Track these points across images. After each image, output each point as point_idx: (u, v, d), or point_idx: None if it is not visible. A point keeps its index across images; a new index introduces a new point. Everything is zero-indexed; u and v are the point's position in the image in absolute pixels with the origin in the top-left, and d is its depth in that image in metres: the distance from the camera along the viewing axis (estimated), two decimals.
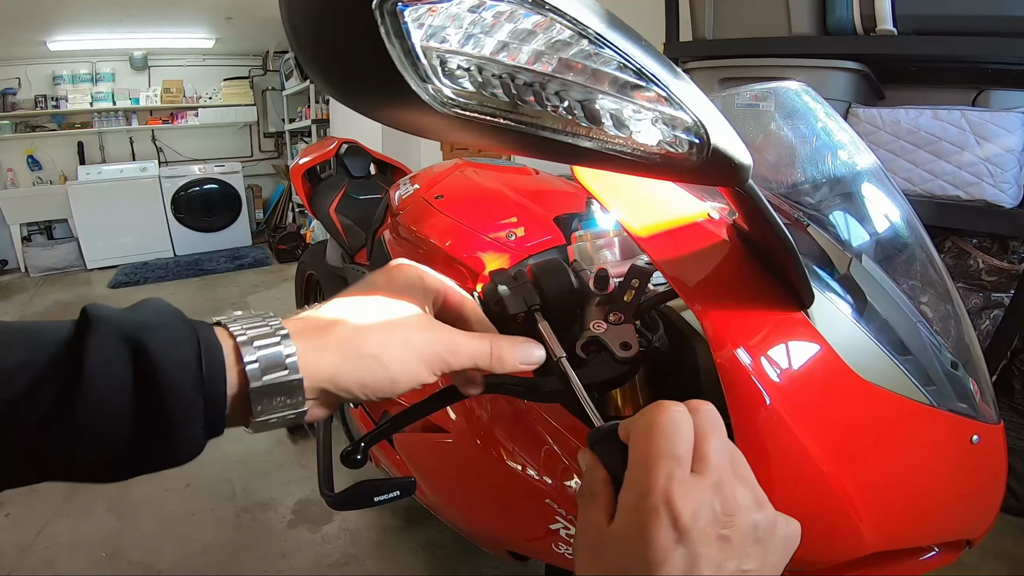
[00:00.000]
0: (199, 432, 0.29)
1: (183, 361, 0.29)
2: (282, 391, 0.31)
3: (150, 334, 0.29)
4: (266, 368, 0.30)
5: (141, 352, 0.28)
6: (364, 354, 0.34)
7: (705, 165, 0.31)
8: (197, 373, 0.29)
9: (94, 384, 0.27)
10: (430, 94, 0.28)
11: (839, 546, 0.47)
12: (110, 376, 0.27)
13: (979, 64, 1.61)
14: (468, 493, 0.86)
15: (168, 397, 0.28)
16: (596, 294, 0.50)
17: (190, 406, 0.28)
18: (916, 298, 0.61)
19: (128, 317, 0.30)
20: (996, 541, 1.52)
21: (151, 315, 0.30)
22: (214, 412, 0.29)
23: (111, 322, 0.29)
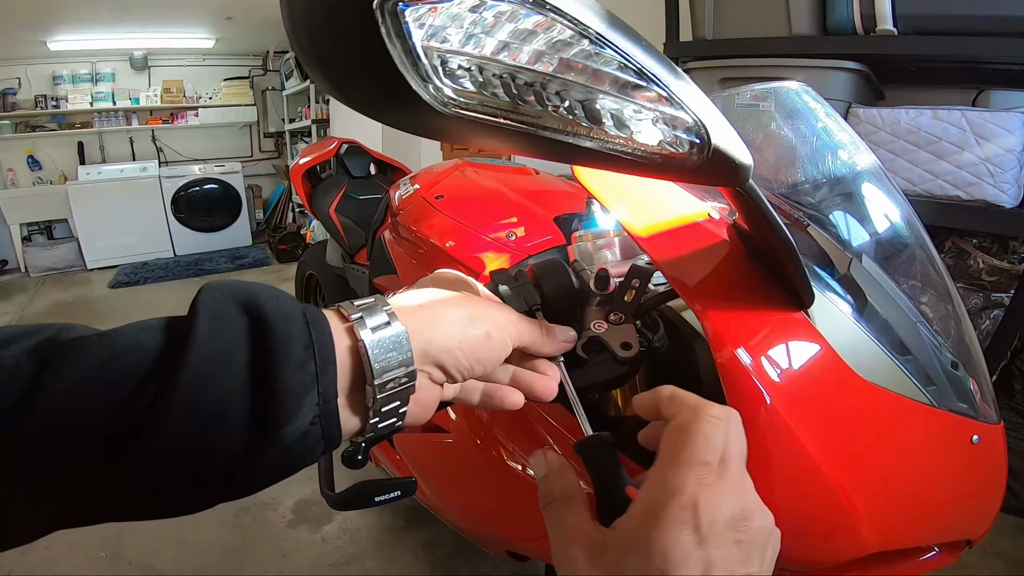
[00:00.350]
0: (312, 408, 0.28)
1: (290, 313, 0.29)
2: (393, 346, 0.31)
3: (258, 290, 0.29)
4: (375, 326, 0.31)
5: (253, 304, 0.28)
6: (470, 316, 0.35)
7: (705, 165, 0.31)
8: (303, 326, 0.29)
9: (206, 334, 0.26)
10: (431, 94, 0.28)
11: (839, 546, 0.47)
12: (222, 324, 0.27)
13: (979, 64, 1.61)
14: (468, 493, 0.86)
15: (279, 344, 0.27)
16: (596, 294, 0.50)
17: (301, 360, 0.28)
18: (916, 298, 0.61)
19: (235, 283, 0.30)
20: (996, 541, 1.52)
21: (254, 284, 0.31)
22: (324, 376, 0.29)
23: (217, 285, 0.30)
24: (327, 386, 0.29)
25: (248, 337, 0.27)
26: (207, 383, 0.26)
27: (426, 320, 0.33)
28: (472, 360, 0.35)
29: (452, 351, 0.34)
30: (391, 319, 0.32)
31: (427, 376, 0.34)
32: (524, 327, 0.39)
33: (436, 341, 0.33)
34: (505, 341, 0.37)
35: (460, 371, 0.35)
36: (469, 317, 0.35)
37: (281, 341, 0.27)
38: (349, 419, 0.31)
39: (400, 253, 1.15)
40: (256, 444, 0.27)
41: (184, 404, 0.25)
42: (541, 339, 0.40)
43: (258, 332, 0.28)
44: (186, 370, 0.26)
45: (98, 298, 4.13)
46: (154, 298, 3.99)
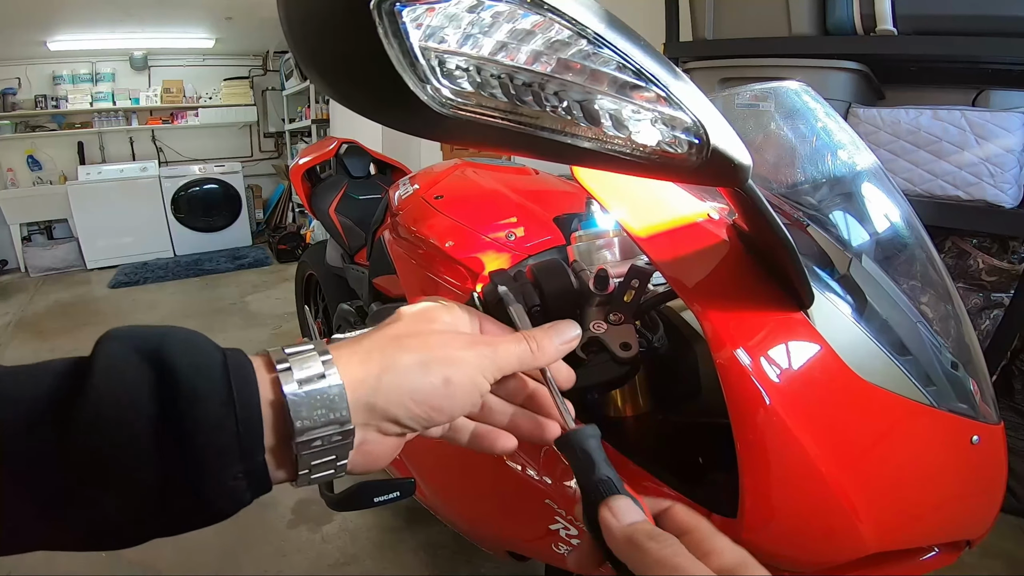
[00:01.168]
0: (234, 466, 0.26)
1: (206, 365, 0.26)
2: (323, 403, 0.28)
3: (167, 339, 0.27)
4: (302, 379, 0.28)
5: (158, 357, 0.26)
6: (423, 361, 0.31)
7: (705, 165, 0.31)
8: (223, 379, 0.26)
9: (103, 388, 0.24)
10: (428, 94, 0.28)
11: (839, 546, 0.47)
12: (121, 379, 0.25)
13: (979, 64, 1.61)
14: (468, 493, 0.86)
15: (191, 404, 0.25)
16: (596, 294, 0.50)
17: (218, 420, 0.25)
18: (916, 298, 0.61)
19: (143, 329, 0.27)
20: (996, 541, 1.52)
21: (167, 329, 0.28)
22: (248, 434, 0.26)
23: (122, 332, 0.27)
24: (251, 443, 0.26)
25: (153, 392, 0.25)
26: (102, 438, 0.24)
27: (373, 369, 0.30)
28: (428, 410, 0.31)
29: (403, 403, 0.30)
30: (327, 370, 0.28)
31: (375, 429, 0.31)
32: (504, 355, 0.34)
33: (384, 392, 0.30)
34: (471, 385, 0.32)
35: (415, 421, 0.31)
36: (424, 362, 0.31)
37: (192, 400, 0.25)
38: (276, 473, 0.29)
39: (400, 253, 1.15)
40: (168, 501, 0.25)
41: (73, 463, 0.23)
42: (531, 355, 0.35)
43: (165, 387, 0.25)
44: (80, 426, 0.23)
45: (98, 298, 4.13)
46: (154, 298, 3.99)
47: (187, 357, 0.26)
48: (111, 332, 0.27)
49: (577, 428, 0.35)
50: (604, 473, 0.32)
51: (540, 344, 0.35)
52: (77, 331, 3.34)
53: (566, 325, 0.37)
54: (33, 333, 3.39)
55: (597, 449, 0.34)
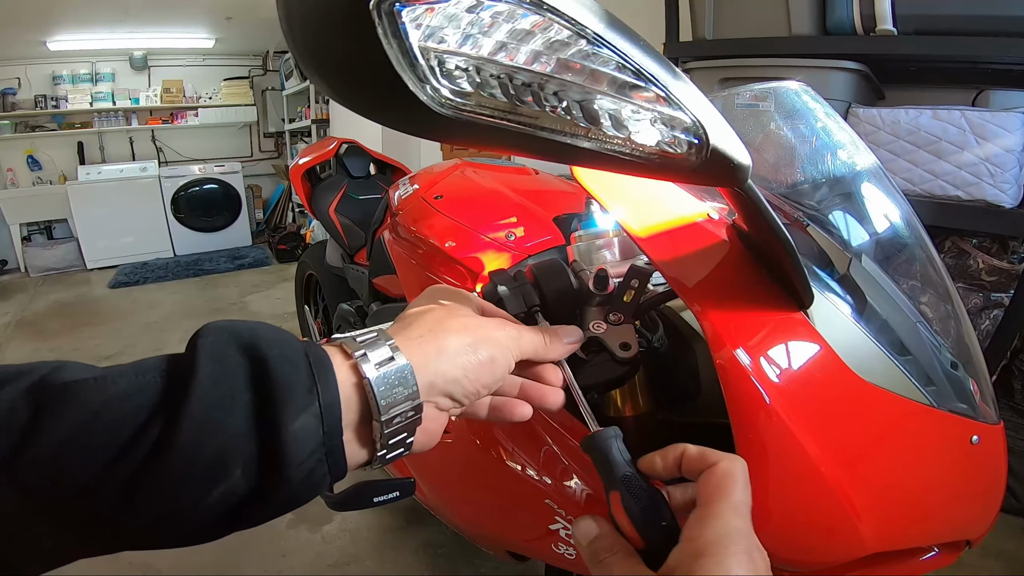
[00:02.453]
0: (317, 449, 0.28)
1: (293, 356, 0.29)
2: (399, 382, 0.31)
3: (259, 333, 0.29)
4: (378, 362, 0.31)
5: (253, 350, 0.28)
6: (472, 343, 0.35)
7: (704, 165, 0.31)
8: (307, 368, 0.29)
9: (208, 378, 0.26)
10: (428, 94, 0.28)
11: (839, 546, 0.47)
12: (223, 369, 0.27)
13: (979, 64, 1.61)
14: (468, 493, 0.86)
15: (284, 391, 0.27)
16: (596, 294, 0.50)
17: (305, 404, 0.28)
18: (916, 298, 0.61)
19: (237, 324, 0.30)
20: (996, 541, 1.52)
21: (256, 323, 0.31)
22: (329, 417, 0.28)
23: (218, 326, 0.29)
24: (332, 426, 0.29)
25: (250, 382, 0.27)
26: (210, 429, 0.26)
27: (431, 352, 0.33)
28: (478, 385, 0.35)
29: (459, 380, 0.34)
30: (395, 353, 0.32)
31: (433, 405, 0.34)
32: (526, 340, 0.39)
33: (442, 372, 0.33)
34: (508, 361, 0.37)
35: (467, 397, 0.35)
36: (472, 344, 0.35)
37: (284, 386, 0.27)
38: (356, 452, 0.32)
39: (399, 253, 1.15)
40: (262, 486, 0.27)
41: (186, 451, 0.25)
42: (544, 347, 0.40)
43: (260, 377, 0.27)
44: (188, 417, 0.25)
45: (98, 298, 4.13)
46: (154, 298, 3.99)
47: (276, 348, 0.29)
48: (207, 326, 0.29)
49: (600, 430, 0.37)
50: (624, 470, 0.35)
51: (551, 339, 0.41)
52: (77, 331, 3.34)
53: (571, 328, 0.43)
54: (33, 333, 3.39)
55: (618, 448, 0.36)
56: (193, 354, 0.28)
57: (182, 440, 0.25)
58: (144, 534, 0.26)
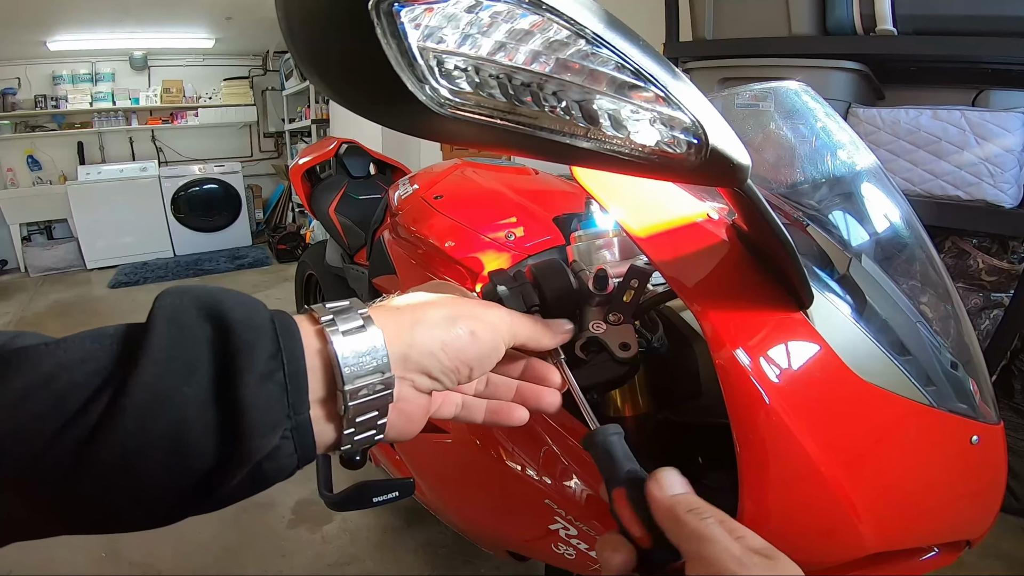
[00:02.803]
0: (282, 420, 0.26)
1: (257, 321, 0.27)
2: (367, 351, 0.29)
3: (223, 296, 0.28)
4: (346, 330, 0.29)
5: (217, 313, 0.27)
6: (452, 316, 0.33)
7: (704, 165, 0.31)
8: (272, 333, 0.27)
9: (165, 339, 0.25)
10: (427, 95, 0.28)
11: (839, 546, 0.47)
12: (182, 332, 0.25)
13: (979, 64, 1.61)
14: (468, 493, 0.86)
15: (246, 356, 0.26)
16: (595, 294, 0.49)
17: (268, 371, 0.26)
18: (916, 298, 0.61)
19: (200, 288, 0.29)
20: (996, 541, 1.52)
21: (221, 288, 0.29)
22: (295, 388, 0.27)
23: (180, 289, 0.28)
24: (297, 397, 0.27)
25: (210, 346, 0.26)
26: (164, 394, 0.24)
27: (405, 323, 0.32)
28: (458, 362, 0.33)
29: (434, 353, 0.32)
30: (366, 322, 0.30)
31: (410, 384, 0.32)
32: (518, 323, 0.37)
33: (417, 344, 0.31)
34: (495, 339, 0.35)
35: (446, 375, 0.33)
36: (451, 316, 0.33)
37: (246, 351, 0.26)
38: (323, 429, 0.30)
39: (399, 253, 1.15)
40: (223, 458, 0.25)
41: (139, 415, 0.24)
42: (539, 332, 0.39)
43: (221, 341, 0.26)
44: (139, 379, 0.24)
45: (98, 298, 4.13)
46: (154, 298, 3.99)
47: (240, 312, 0.27)
48: (167, 290, 0.28)
49: (600, 427, 0.37)
50: (628, 467, 0.35)
51: (546, 329, 0.40)
52: (77, 331, 3.32)
53: (560, 321, 0.43)
54: None
55: (620, 445, 0.36)
56: (150, 319, 0.26)
57: (132, 407, 0.24)
58: (100, 508, 0.25)
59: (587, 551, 0.64)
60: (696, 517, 0.30)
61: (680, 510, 0.31)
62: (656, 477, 0.33)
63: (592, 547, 0.66)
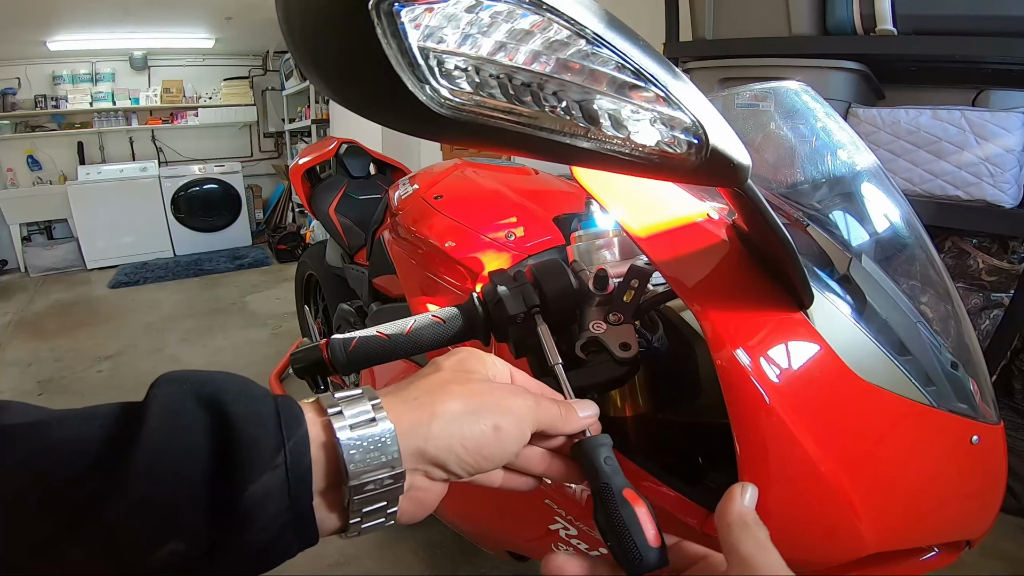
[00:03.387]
0: (283, 514, 0.26)
1: (260, 412, 0.26)
2: (375, 446, 0.28)
3: (223, 386, 0.27)
4: (354, 423, 0.28)
5: (215, 404, 0.26)
6: (474, 409, 0.31)
7: (704, 165, 0.31)
8: (276, 426, 0.26)
9: (159, 431, 0.24)
10: (427, 95, 0.28)
11: (839, 546, 0.47)
12: (177, 424, 0.25)
13: (979, 64, 1.60)
14: (468, 493, 0.86)
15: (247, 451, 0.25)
16: (595, 294, 0.50)
17: (270, 465, 0.25)
18: (916, 298, 0.61)
19: (197, 374, 0.28)
20: (996, 541, 1.52)
21: (221, 375, 0.28)
22: (297, 481, 0.26)
23: (177, 376, 0.27)
24: (300, 490, 0.26)
25: (209, 439, 0.25)
26: (154, 486, 0.24)
27: (423, 416, 0.30)
28: (478, 458, 0.31)
29: (452, 449, 0.30)
30: (377, 414, 0.29)
31: (422, 474, 0.31)
32: (544, 410, 0.35)
33: (434, 439, 0.30)
34: (520, 432, 0.33)
35: (463, 468, 0.31)
36: (473, 410, 0.31)
37: (248, 446, 0.25)
38: (327, 518, 0.29)
39: (399, 253, 1.15)
40: (217, 550, 0.25)
41: (125, 508, 0.23)
42: (561, 419, 0.36)
43: (221, 434, 0.25)
44: (130, 472, 0.23)
45: (98, 298, 4.13)
46: (154, 298, 3.99)
47: (242, 404, 0.27)
48: (165, 376, 0.27)
49: (590, 437, 0.37)
50: (603, 481, 0.34)
51: (567, 412, 0.36)
52: (77, 331, 3.34)
53: (587, 403, 0.38)
54: (33, 333, 3.39)
55: (608, 457, 0.36)
56: (145, 404, 0.26)
57: (121, 496, 0.23)
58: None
59: (587, 551, 0.64)
60: (759, 531, 0.31)
61: (750, 519, 0.31)
62: (744, 487, 0.33)
63: (592, 547, 0.66)
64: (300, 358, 0.49)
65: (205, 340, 3.11)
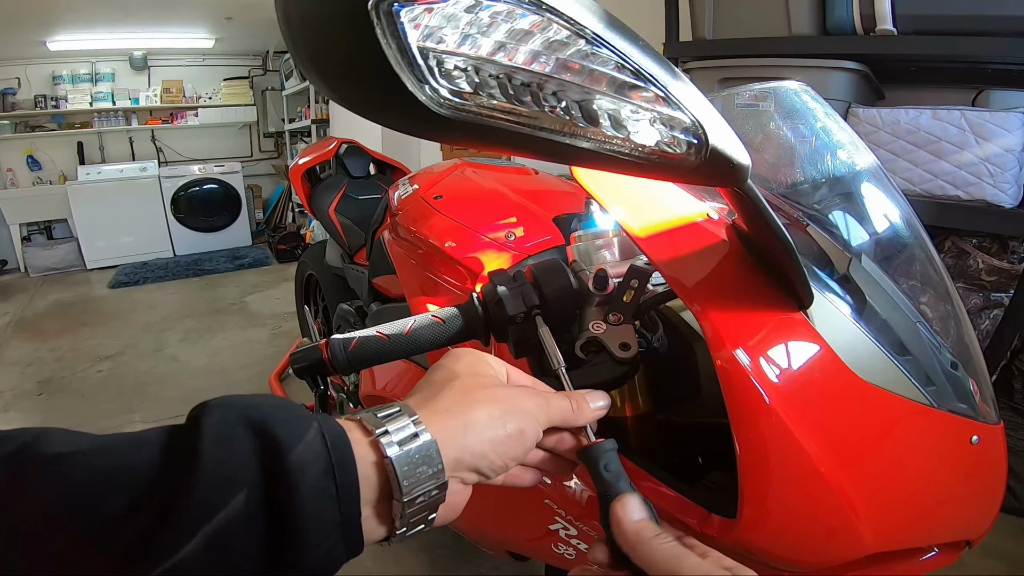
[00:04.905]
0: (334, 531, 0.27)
1: (307, 436, 0.27)
2: (423, 460, 0.29)
3: (270, 410, 0.28)
4: (401, 440, 0.29)
5: (263, 429, 0.27)
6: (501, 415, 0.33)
7: (703, 165, 0.31)
8: (324, 448, 0.27)
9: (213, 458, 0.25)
10: (427, 95, 0.28)
11: (839, 546, 0.47)
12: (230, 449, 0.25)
13: (979, 64, 1.60)
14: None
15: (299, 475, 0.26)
16: (595, 294, 0.49)
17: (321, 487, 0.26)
18: (916, 298, 0.61)
19: (243, 399, 0.29)
20: (996, 541, 1.52)
21: (264, 399, 0.29)
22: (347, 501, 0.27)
23: (224, 402, 0.28)
24: (349, 507, 0.28)
25: (259, 462, 0.26)
26: (214, 510, 0.24)
27: (457, 427, 0.32)
28: (507, 459, 0.34)
29: (487, 455, 0.33)
30: (418, 429, 0.30)
31: (458, 480, 0.33)
32: (555, 408, 0.37)
33: (470, 448, 0.32)
34: (537, 431, 0.35)
35: (495, 471, 0.34)
36: (500, 415, 0.33)
37: (297, 469, 0.26)
38: (374, 529, 0.31)
39: (399, 253, 1.15)
40: (273, 569, 0.26)
41: (183, 534, 0.23)
42: (572, 414, 0.38)
43: (270, 457, 0.26)
44: (193, 495, 0.24)
45: (98, 298, 4.13)
46: (154, 298, 3.99)
47: (288, 427, 0.27)
48: (213, 402, 0.28)
49: (597, 442, 0.37)
50: (619, 485, 0.35)
51: (579, 405, 0.38)
52: (77, 331, 3.34)
53: (598, 393, 0.40)
54: (33, 333, 3.39)
55: (614, 461, 0.36)
56: (197, 433, 0.26)
57: (179, 522, 0.23)
58: None
59: (587, 551, 0.64)
60: (664, 540, 0.31)
61: (647, 534, 0.32)
62: (622, 502, 0.34)
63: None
64: (300, 358, 0.49)
65: (205, 340, 3.11)
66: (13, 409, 2.48)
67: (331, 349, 0.48)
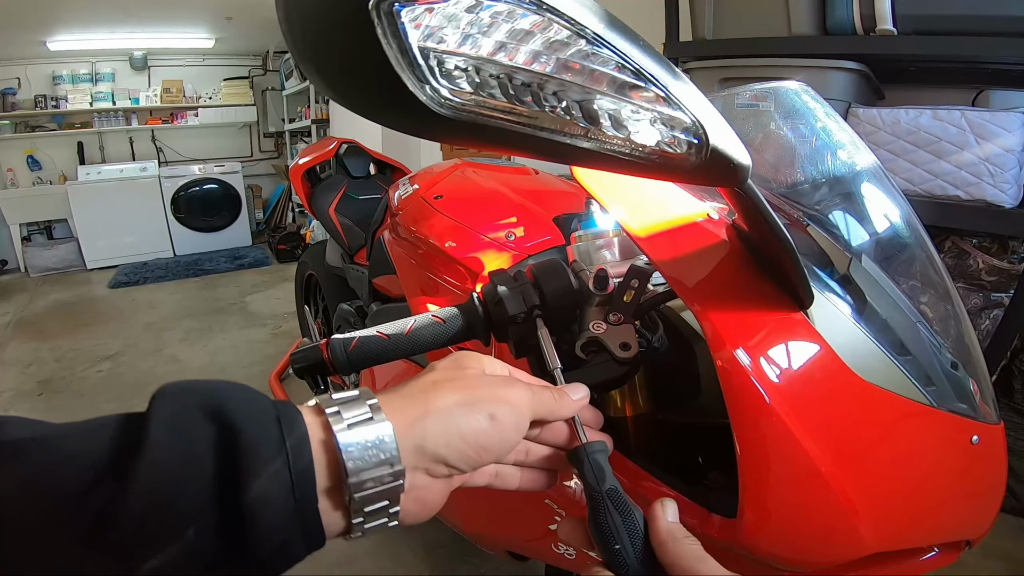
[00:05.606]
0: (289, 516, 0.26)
1: (262, 419, 0.27)
2: (373, 444, 0.28)
3: (226, 395, 0.27)
4: (352, 422, 0.29)
5: (219, 414, 0.26)
6: (469, 402, 0.32)
7: (704, 165, 0.31)
8: (278, 431, 0.27)
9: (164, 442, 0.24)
10: (427, 95, 0.28)
11: (838, 546, 0.47)
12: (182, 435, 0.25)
13: (979, 64, 1.61)
14: (468, 493, 0.86)
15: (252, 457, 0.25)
16: (595, 294, 0.50)
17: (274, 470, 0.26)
18: (916, 298, 0.61)
19: (199, 384, 0.28)
20: (996, 541, 1.52)
21: (222, 384, 0.29)
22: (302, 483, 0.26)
23: (179, 388, 0.28)
24: (304, 492, 0.27)
25: (215, 448, 0.25)
26: (161, 496, 0.24)
27: (417, 412, 0.31)
28: (478, 450, 0.32)
29: (451, 443, 0.31)
30: (374, 413, 0.29)
31: (423, 472, 0.31)
32: (539, 399, 0.36)
33: (431, 435, 0.30)
34: (517, 421, 0.34)
35: (465, 462, 0.32)
36: (468, 401, 0.32)
37: (250, 448, 0.26)
38: (332, 519, 0.29)
39: (399, 253, 1.15)
40: (227, 555, 0.25)
41: (134, 517, 0.23)
42: (556, 404, 0.37)
43: (224, 439, 0.26)
44: (137, 483, 0.24)
45: (98, 298, 4.13)
46: (154, 298, 3.99)
47: (245, 412, 0.27)
48: (167, 387, 0.28)
49: (587, 442, 0.37)
50: (610, 484, 0.35)
51: (560, 395, 0.38)
52: (77, 331, 3.34)
53: (577, 385, 0.40)
54: (33, 333, 3.39)
55: (604, 462, 0.36)
56: (148, 415, 0.26)
57: (130, 504, 0.23)
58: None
59: (587, 551, 0.64)
60: (692, 542, 0.32)
61: (679, 535, 0.33)
62: (663, 504, 0.34)
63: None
64: (300, 358, 0.49)
65: (205, 340, 3.11)
66: (13, 409, 2.48)
67: (331, 349, 0.48)
